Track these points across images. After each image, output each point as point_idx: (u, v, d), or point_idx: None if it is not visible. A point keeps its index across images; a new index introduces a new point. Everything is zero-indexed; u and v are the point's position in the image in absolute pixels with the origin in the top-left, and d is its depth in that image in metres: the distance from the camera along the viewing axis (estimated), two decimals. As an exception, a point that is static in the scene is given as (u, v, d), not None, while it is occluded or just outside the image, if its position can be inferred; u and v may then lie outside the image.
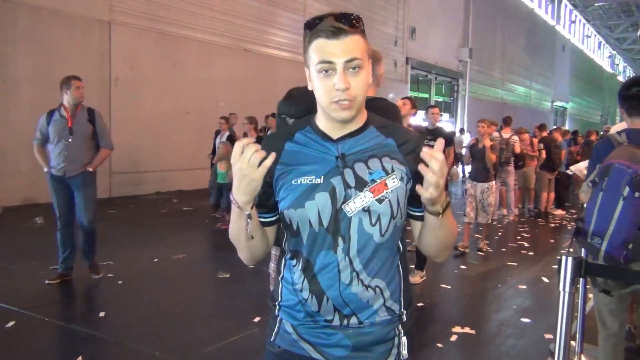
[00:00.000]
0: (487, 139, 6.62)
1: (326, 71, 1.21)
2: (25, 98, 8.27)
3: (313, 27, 1.22)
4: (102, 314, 3.91)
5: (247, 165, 1.15)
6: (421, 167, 1.13)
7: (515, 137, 9.07)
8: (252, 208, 1.23)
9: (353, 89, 1.22)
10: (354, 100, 1.23)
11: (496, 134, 9.37)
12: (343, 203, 1.25)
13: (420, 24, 18.55)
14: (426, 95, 20.70)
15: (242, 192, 1.20)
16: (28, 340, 3.58)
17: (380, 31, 16.50)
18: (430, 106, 6.58)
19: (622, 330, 2.75)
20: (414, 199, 1.32)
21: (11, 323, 3.66)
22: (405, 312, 1.37)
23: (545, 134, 10.06)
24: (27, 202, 8.27)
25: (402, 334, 1.36)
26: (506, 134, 9.11)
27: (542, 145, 9.54)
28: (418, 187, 1.17)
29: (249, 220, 1.24)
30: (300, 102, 2.17)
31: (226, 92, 11.56)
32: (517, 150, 8.97)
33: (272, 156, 1.17)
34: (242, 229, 1.25)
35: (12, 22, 8.18)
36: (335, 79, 1.20)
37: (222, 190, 7.43)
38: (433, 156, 1.12)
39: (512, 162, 9.02)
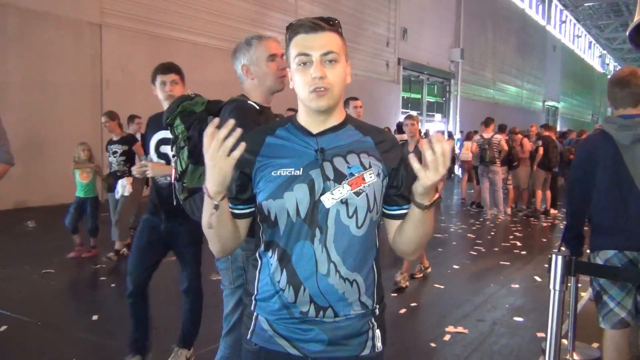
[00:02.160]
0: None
1: (304, 64, 1.28)
2: (15, 101, 8.21)
3: (293, 26, 1.31)
4: (95, 317, 3.89)
5: (216, 153, 1.17)
6: (424, 146, 1.13)
7: (498, 137, 9.12)
8: (222, 199, 1.25)
9: (329, 79, 1.28)
10: (330, 88, 1.28)
11: (477, 136, 9.44)
12: (321, 195, 1.28)
13: (412, 24, 18.59)
14: (418, 96, 20.75)
15: (212, 182, 1.22)
16: (21, 344, 3.56)
17: (371, 32, 16.52)
18: (350, 98, 4.73)
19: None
20: (389, 198, 1.37)
21: (3, 327, 3.64)
22: (377, 306, 1.40)
23: (547, 133, 10.13)
24: (18, 206, 8.21)
25: (376, 327, 1.40)
26: (487, 134, 9.15)
27: (540, 142, 9.61)
28: (417, 167, 1.16)
29: (214, 210, 1.25)
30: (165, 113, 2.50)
31: (218, 94, 11.42)
32: (505, 148, 9.00)
33: (242, 146, 1.18)
34: (211, 217, 1.26)
35: (1, 25, 8.12)
36: (311, 69, 1.27)
37: (83, 208, 5.78)
38: (440, 140, 1.14)
39: (498, 162, 9.05)
